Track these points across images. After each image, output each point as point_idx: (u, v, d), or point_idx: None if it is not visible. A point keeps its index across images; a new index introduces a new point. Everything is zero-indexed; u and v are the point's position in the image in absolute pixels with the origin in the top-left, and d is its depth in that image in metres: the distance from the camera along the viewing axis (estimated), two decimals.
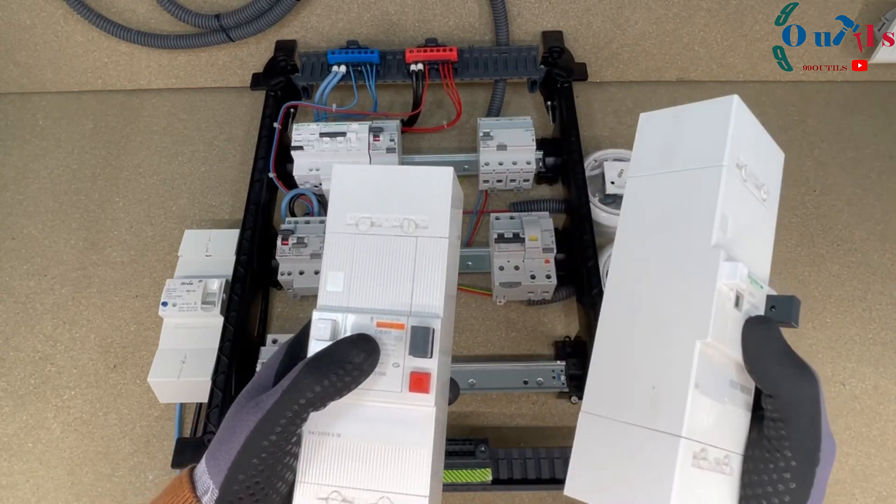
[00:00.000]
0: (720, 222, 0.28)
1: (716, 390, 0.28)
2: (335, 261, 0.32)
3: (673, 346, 0.28)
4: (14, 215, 0.69)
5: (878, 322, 0.61)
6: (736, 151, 0.30)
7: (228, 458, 0.26)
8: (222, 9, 0.72)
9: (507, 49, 0.72)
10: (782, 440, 0.26)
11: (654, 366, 0.28)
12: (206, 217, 0.68)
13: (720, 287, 0.27)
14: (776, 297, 0.30)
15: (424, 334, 0.29)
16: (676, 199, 0.31)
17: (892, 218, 0.67)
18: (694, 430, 0.26)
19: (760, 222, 0.31)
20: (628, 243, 0.33)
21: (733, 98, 0.31)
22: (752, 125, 0.32)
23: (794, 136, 0.73)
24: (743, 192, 0.30)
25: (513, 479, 0.48)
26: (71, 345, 0.60)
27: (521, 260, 0.56)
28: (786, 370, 0.27)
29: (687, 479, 0.26)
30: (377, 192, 0.32)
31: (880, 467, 0.54)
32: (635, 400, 0.29)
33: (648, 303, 0.30)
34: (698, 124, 0.32)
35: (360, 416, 0.29)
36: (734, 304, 0.28)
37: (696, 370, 0.27)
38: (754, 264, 0.30)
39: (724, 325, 0.27)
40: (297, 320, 0.61)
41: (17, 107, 0.78)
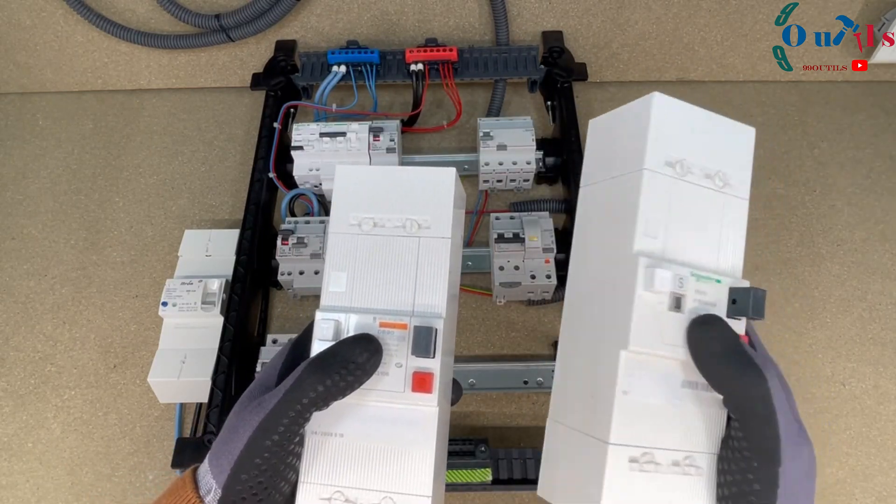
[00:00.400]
0: (642, 228, 0.28)
1: (660, 393, 0.27)
2: (338, 261, 0.32)
3: (604, 355, 0.28)
4: (14, 215, 0.69)
5: (878, 322, 0.61)
6: (661, 150, 0.29)
7: (231, 457, 0.26)
8: (222, 9, 0.72)
9: (507, 49, 0.72)
10: (741, 440, 0.26)
11: (591, 374, 0.29)
12: (206, 217, 0.68)
13: (642, 295, 0.27)
14: (737, 289, 0.29)
15: (427, 334, 0.29)
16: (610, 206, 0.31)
17: (892, 218, 0.67)
18: (626, 436, 0.27)
19: (718, 212, 0.30)
20: (577, 255, 0.33)
21: (652, 96, 0.29)
22: (689, 115, 0.30)
23: (794, 136, 0.73)
24: (682, 189, 0.29)
25: (513, 479, 0.48)
26: (71, 345, 0.60)
27: (521, 260, 0.56)
28: (729, 370, 0.26)
29: (621, 484, 0.26)
30: (380, 193, 0.32)
31: (880, 467, 0.54)
32: (580, 407, 0.29)
33: (589, 313, 0.31)
34: (626, 127, 0.31)
35: (363, 416, 0.29)
36: (672, 308, 0.27)
37: (623, 378, 0.27)
38: (714, 258, 0.29)
39: (657, 331, 0.27)
40: (297, 320, 0.61)
41: (17, 107, 0.78)
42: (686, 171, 0.29)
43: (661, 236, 0.28)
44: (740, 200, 0.31)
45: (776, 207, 0.67)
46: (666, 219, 0.28)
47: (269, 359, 0.52)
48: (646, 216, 0.28)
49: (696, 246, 0.29)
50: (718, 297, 0.28)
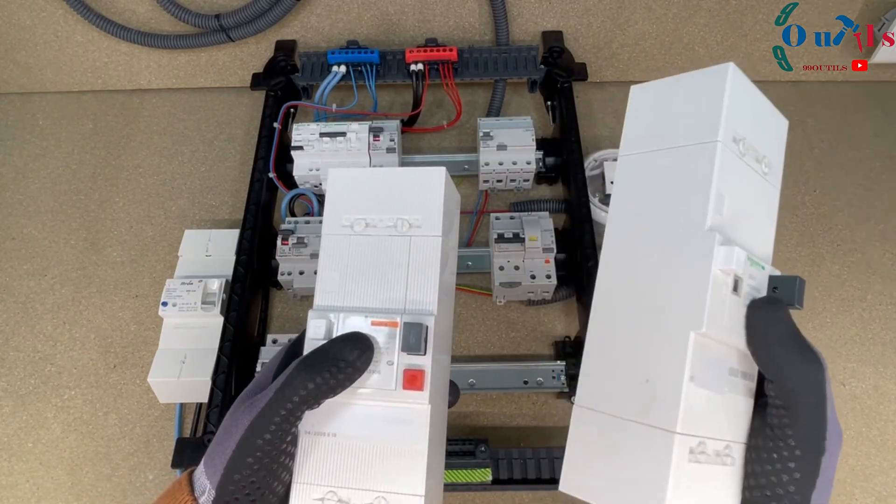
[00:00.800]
0: (715, 203, 0.26)
1: (714, 380, 0.26)
2: (330, 262, 0.32)
3: (667, 336, 0.26)
4: (14, 215, 0.69)
5: (878, 322, 0.61)
6: (732, 125, 0.27)
7: (224, 458, 0.26)
8: (222, 9, 0.72)
9: (507, 49, 0.72)
10: (785, 428, 0.25)
11: (647, 357, 0.27)
12: (206, 217, 0.68)
13: (715, 273, 0.26)
14: (779, 277, 0.28)
15: (417, 331, 0.29)
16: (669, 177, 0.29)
17: (892, 218, 0.67)
18: (690, 425, 0.25)
19: (761, 198, 0.29)
20: (620, 226, 0.31)
21: (728, 66, 0.28)
22: (750, 94, 0.29)
23: (794, 136, 0.73)
24: (741, 168, 0.28)
25: (513, 479, 0.48)
26: (71, 345, 0.60)
27: (521, 260, 0.56)
28: (790, 354, 0.25)
29: (683, 476, 0.25)
30: (371, 194, 0.32)
31: (880, 467, 0.54)
32: (629, 393, 0.27)
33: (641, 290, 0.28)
34: (691, 96, 0.29)
35: (356, 415, 0.29)
36: (732, 290, 0.26)
37: (691, 362, 0.25)
38: (755, 243, 0.28)
39: (721, 313, 0.26)
40: (297, 320, 0.61)
41: (17, 107, 0.78)
42: (746, 150, 0.28)
43: (726, 214, 0.27)
44: (775, 189, 0.30)
45: None
46: (729, 197, 0.27)
47: (269, 359, 0.52)
48: (717, 190, 0.27)
49: (746, 229, 0.28)
50: (762, 284, 0.28)
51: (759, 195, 0.29)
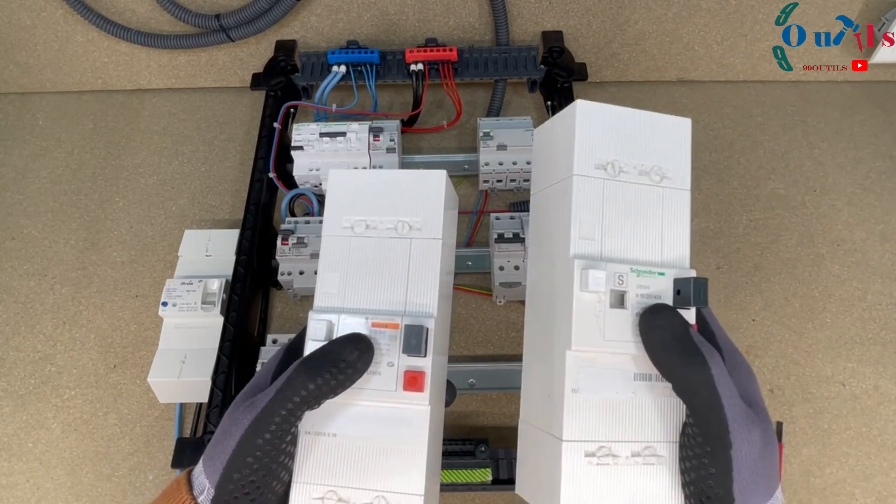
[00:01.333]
0: (577, 232, 0.29)
1: (611, 388, 0.28)
2: (331, 263, 0.32)
3: (554, 356, 0.29)
4: (14, 215, 0.69)
5: (878, 322, 0.61)
6: (590, 155, 0.30)
7: (223, 457, 0.26)
8: (222, 9, 0.72)
9: (507, 49, 0.72)
10: (693, 426, 0.27)
11: (546, 375, 0.30)
12: (206, 217, 0.68)
13: (580, 296, 0.28)
14: (680, 280, 0.29)
15: (418, 333, 0.29)
16: (550, 212, 0.32)
17: (892, 218, 0.67)
18: (579, 432, 0.27)
19: (658, 206, 0.31)
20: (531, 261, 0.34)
21: (575, 105, 0.30)
22: (616, 118, 0.31)
23: (794, 136, 0.73)
24: (617, 189, 0.30)
25: (513, 479, 0.48)
26: (71, 345, 0.60)
27: (521, 260, 0.56)
28: (674, 357, 0.27)
29: (581, 478, 0.27)
30: (372, 196, 0.33)
31: (880, 467, 0.54)
32: (540, 407, 0.30)
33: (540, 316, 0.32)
34: (559, 135, 0.32)
35: (356, 415, 0.30)
36: (615, 305, 0.28)
37: (570, 377, 0.28)
38: (658, 251, 0.30)
39: (597, 330, 0.28)
40: (298, 320, 0.61)
41: (17, 107, 0.78)
42: (619, 171, 0.30)
43: (598, 237, 0.29)
44: (681, 191, 0.31)
45: (776, 207, 0.67)
46: (601, 220, 0.29)
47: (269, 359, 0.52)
48: (579, 220, 0.29)
49: (637, 242, 0.30)
50: (663, 290, 0.29)
51: (654, 205, 0.31)
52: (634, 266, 0.29)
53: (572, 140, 0.30)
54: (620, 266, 0.28)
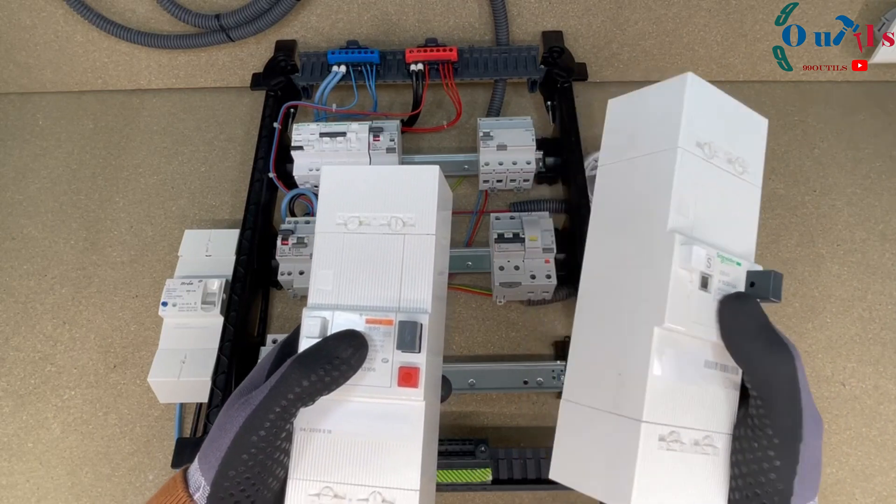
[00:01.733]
0: (676, 206, 0.28)
1: (686, 373, 0.28)
2: (325, 259, 0.32)
3: (634, 332, 0.28)
4: (14, 215, 0.69)
5: (878, 322, 0.61)
6: (693, 131, 0.29)
7: (219, 454, 0.27)
8: (222, 9, 0.72)
9: (507, 49, 0.72)
10: (763, 418, 0.26)
11: (619, 353, 0.29)
12: (206, 217, 0.68)
13: (677, 271, 0.27)
14: (756, 272, 0.29)
15: (412, 329, 0.29)
16: (639, 184, 0.31)
17: (892, 218, 0.67)
18: (658, 414, 0.27)
19: (737, 197, 0.31)
20: (598, 232, 0.33)
21: (686, 76, 0.30)
22: (716, 99, 0.31)
23: (794, 136, 0.73)
24: (709, 171, 0.30)
25: (513, 479, 0.48)
26: (71, 345, 0.60)
27: (521, 260, 0.56)
28: (759, 347, 0.26)
29: (653, 462, 0.26)
30: (365, 192, 0.33)
31: (880, 467, 0.54)
32: (604, 386, 0.29)
33: (615, 290, 0.30)
34: (656, 106, 0.31)
35: (350, 411, 0.30)
36: (700, 287, 0.28)
37: (655, 356, 0.27)
38: (731, 241, 0.30)
39: (688, 309, 0.27)
40: (297, 320, 0.60)
41: (17, 107, 0.78)
42: (713, 153, 0.30)
43: (691, 215, 0.29)
44: (755, 188, 0.31)
45: (776, 207, 0.67)
46: (695, 199, 0.29)
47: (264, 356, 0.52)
48: (679, 194, 0.28)
49: (718, 228, 0.29)
50: (737, 279, 0.29)
51: (734, 195, 0.31)
52: (720, 251, 0.28)
53: (679, 111, 0.29)
54: (710, 249, 0.28)
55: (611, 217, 0.32)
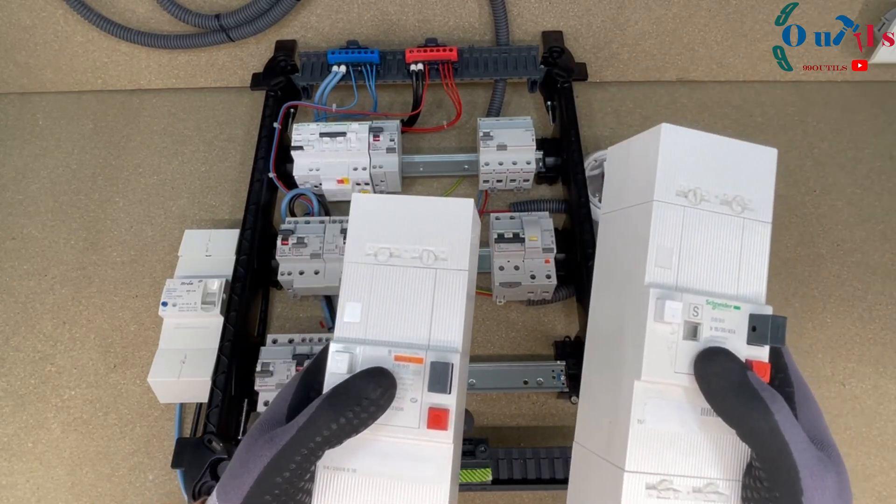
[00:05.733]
0: (654, 259, 0.28)
1: (678, 421, 0.28)
2: (353, 291, 0.31)
3: (621, 383, 0.28)
4: (14, 215, 0.69)
5: (878, 322, 0.61)
6: (672, 181, 0.29)
7: (241, 492, 0.26)
8: (222, 9, 0.72)
9: (507, 49, 0.72)
10: (760, 471, 0.26)
11: (611, 401, 0.29)
12: (206, 217, 0.68)
13: (654, 326, 0.27)
14: (757, 316, 0.28)
15: (444, 370, 0.29)
16: (625, 237, 0.31)
17: (892, 218, 0.67)
18: (643, 463, 0.27)
19: (737, 238, 0.30)
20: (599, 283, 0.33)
21: (661, 128, 0.29)
22: (701, 143, 0.30)
23: (794, 136, 0.73)
24: (697, 217, 0.29)
25: (513, 479, 0.48)
26: (71, 345, 0.60)
27: (521, 260, 0.56)
28: (735, 405, 0.25)
29: None
30: (396, 223, 0.32)
31: (880, 467, 0.54)
32: (600, 433, 0.30)
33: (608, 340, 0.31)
34: (638, 157, 0.31)
35: (376, 451, 0.29)
36: (688, 336, 0.27)
37: (637, 408, 0.27)
38: (734, 284, 0.29)
39: (671, 361, 0.27)
40: (297, 320, 0.61)
41: (17, 107, 0.78)
42: (700, 199, 0.29)
43: (675, 266, 0.28)
44: (762, 224, 0.30)
45: (776, 207, 0.67)
46: (679, 248, 0.28)
47: (269, 359, 0.52)
48: (657, 247, 0.28)
49: (715, 273, 0.29)
50: (738, 324, 0.28)
51: (734, 236, 0.30)
52: (710, 298, 0.28)
53: (654, 164, 0.29)
54: (696, 297, 0.28)
55: (606, 267, 0.33)
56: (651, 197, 0.29)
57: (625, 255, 0.31)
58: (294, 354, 0.52)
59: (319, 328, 0.60)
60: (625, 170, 0.32)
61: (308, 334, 0.54)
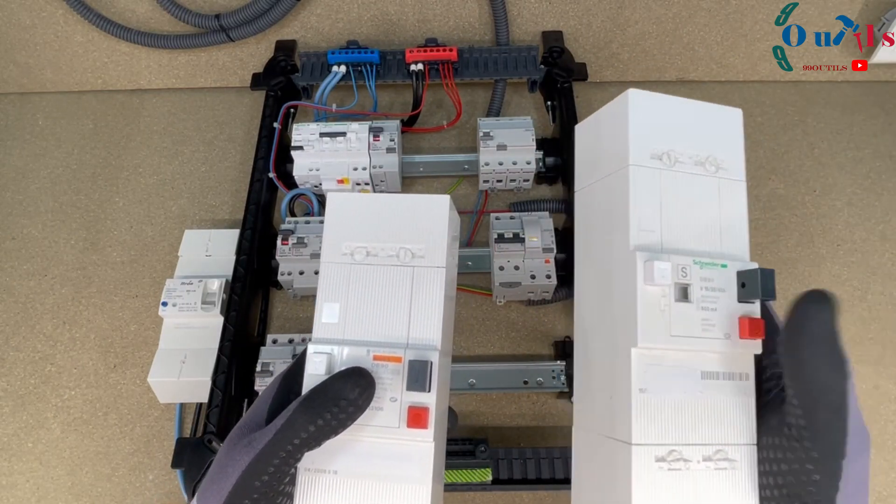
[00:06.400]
0: (636, 223, 0.28)
1: (681, 388, 0.27)
2: (330, 292, 0.31)
3: (617, 355, 0.28)
4: (14, 215, 0.69)
5: (878, 322, 0.61)
6: (645, 145, 0.29)
7: (219, 498, 0.26)
8: (222, 9, 0.72)
9: (507, 49, 0.72)
10: (803, 430, 0.25)
11: (608, 376, 0.28)
12: (206, 217, 0.68)
13: (644, 290, 0.27)
14: (745, 272, 0.28)
15: (422, 368, 0.28)
16: (603, 207, 0.31)
17: (892, 218, 0.67)
18: (650, 435, 0.26)
19: (715, 197, 0.30)
20: (580, 259, 0.33)
21: (627, 93, 0.29)
22: (669, 106, 0.30)
23: (794, 136, 0.73)
24: (674, 179, 0.29)
25: (513, 479, 0.48)
26: (71, 345, 0.60)
27: (521, 260, 0.56)
28: (819, 356, 0.24)
29: (650, 485, 0.26)
30: (372, 221, 0.32)
31: (880, 467, 0.54)
32: (601, 411, 0.29)
33: (597, 315, 0.30)
34: (608, 127, 0.31)
35: (357, 451, 0.29)
36: (680, 298, 0.27)
37: (637, 377, 0.26)
38: (717, 244, 0.29)
39: (666, 324, 0.27)
40: (297, 320, 0.61)
41: (17, 107, 0.78)
42: (674, 160, 0.29)
43: (658, 229, 0.28)
44: (737, 182, 0.31)
45: (776, 207, 0.67)
46: (659, 211, 0.28)
47: (269, 359, 0.52)
48: (638, 211, 0.28)
49: (697, 233, 0.29)
50: (727, 282, 0.28)
51: (712, 196, 0.30)
52: (696, 258, 0.28)
53: (626, 129, 0.29)
54: (683, 258, 0.27)
55: (586, 242, 0.32)
56: (627, 162, 0.29)
57: (605, 225, 0.30)
58: (294, 354, 0.52)
59: None
60: (595, 142, 0.32)
61: (308, 334, 0.54)
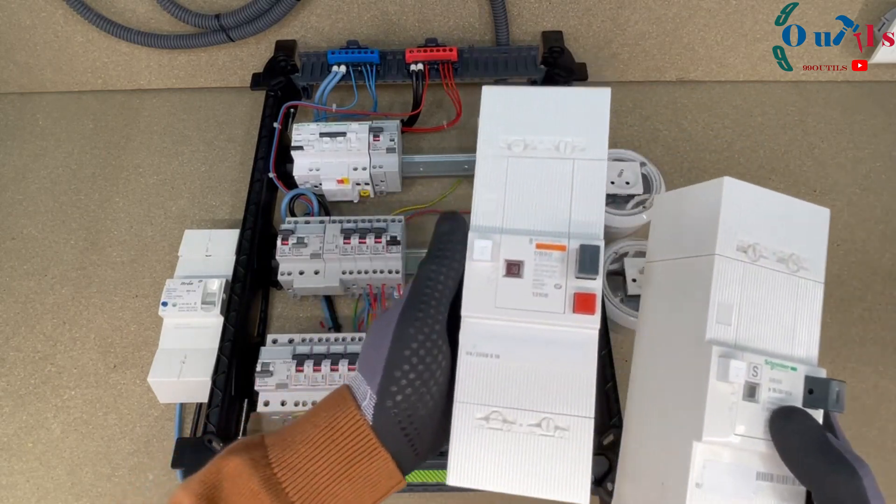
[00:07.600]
0: (715, 315, 0.27)
1: (734, 486, 0.27)
2: (488, 183, 0.31)
3: (676, 444, 0.27)
4: (14, 215, 0.69)
5: (878, 322, 0.61)
6: (732, 236, 0.28)
7: (381, 357, 0.28)
8: (222, 9, 0.72)
9: (507, 49, 0.72)
10: None
11: (663, 463, 0.28)
12: (206, 217, 0.68)
13: (715, 385, 0.26)
14: (814, 379, 0.28)
15: (593, 253, 0.29)
16: (681, 287, 0.30)
17: (892, 218, 0.67)
18: None
19: (792, 297, 0.29)
20: (645, 332, 0.32)
21: (723, 181, 0.29)
22: (760, 198, 0.30)
23: (794, 136, 0.73)
24: (756, 274, 0.29)
25: None
26: (71, 345, 0.60)
27: None
28: (818, 465, 0.25)
29: None
30: (530, 114, 0.32)
31: (880, 467, 0.54)
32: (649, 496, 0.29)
33: (660, 398, 0.30)
34: (696, 208, 0.31)
35: (519, 336, 0.29)
36: (747, 397, 0.27)
37: (695, 471, 0.26)
38: (788, 344, 0.29)
39: (731, 421, 0.26)
40: (297, 320, 0.61)
41: (17, 107, 0.78)
42: (758, 255, 0.29)
43: (734, 323, 0.28)
44: (815, 283, 0.31)
45: None
46: (738, 305, 0.28)
47: (269, 359, 0.52)
48: (717, 303, 0.28)
49: (770, 332, 0.28)
50: (793, 386, 0.28)
51: (789, 295, 0.29)
52: (769, 358, 0.27)
53: (716, 217, 0.28)
54: (756, 356, 0.27)
55: (656, 319, 0.32)
56: (713, 250, 0.28)
57: (679, 307, 0.30)
58: (294, 354, 0.52)
59: (319, 328, 0.60)
60: (679, 218, 0.32)
61: (308, 334, 0.54)
